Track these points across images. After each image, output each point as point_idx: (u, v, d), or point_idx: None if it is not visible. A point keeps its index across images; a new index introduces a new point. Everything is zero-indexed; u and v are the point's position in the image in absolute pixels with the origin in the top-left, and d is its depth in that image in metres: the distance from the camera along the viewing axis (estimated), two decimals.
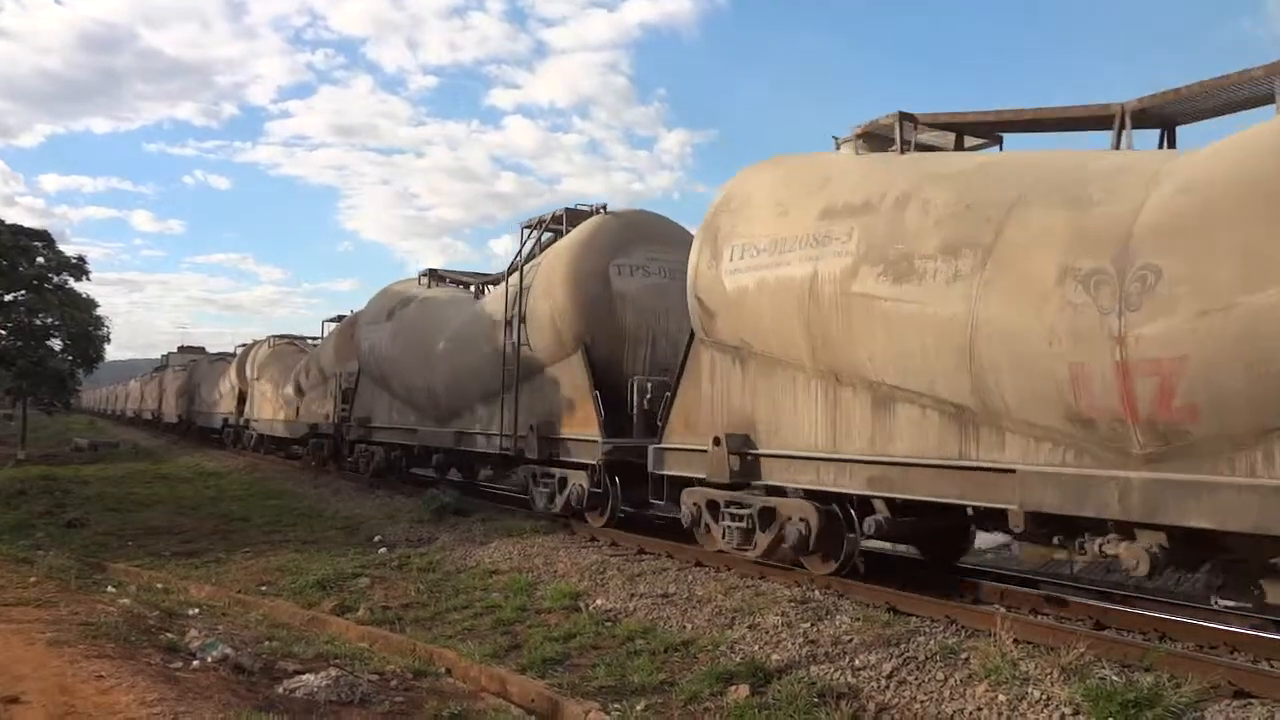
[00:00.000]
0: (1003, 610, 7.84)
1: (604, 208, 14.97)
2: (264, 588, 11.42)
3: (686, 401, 11.16)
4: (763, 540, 10.07)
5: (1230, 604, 7.39)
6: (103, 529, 16.28)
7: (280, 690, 6.29)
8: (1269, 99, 7.12)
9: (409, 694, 6.53)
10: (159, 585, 11.26)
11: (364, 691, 6.33)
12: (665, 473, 11.45)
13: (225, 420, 38.04)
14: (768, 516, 10.00)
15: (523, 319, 14.51)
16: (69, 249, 37.76)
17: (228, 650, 6.98)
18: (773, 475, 9.86)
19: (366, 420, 21.45)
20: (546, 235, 15.60)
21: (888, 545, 10.83)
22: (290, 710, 5.79)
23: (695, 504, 10.99)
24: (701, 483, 10.83)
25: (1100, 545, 7.07)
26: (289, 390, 28.42)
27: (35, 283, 35.79)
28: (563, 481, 14.03)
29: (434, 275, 21.20)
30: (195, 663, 6.72)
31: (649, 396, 12.75)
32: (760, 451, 9.94)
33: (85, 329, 37.27)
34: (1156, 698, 5.73)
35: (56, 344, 37.46)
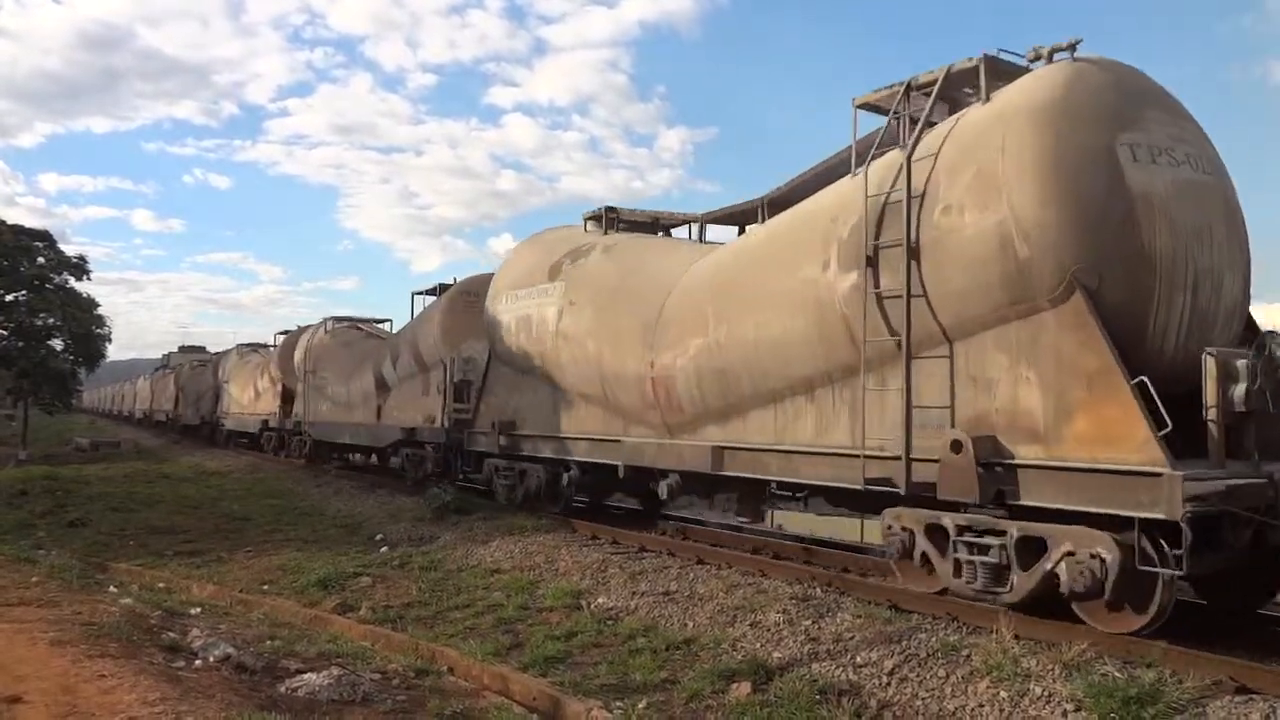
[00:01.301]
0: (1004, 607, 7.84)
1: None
2: (266, 587, 11.44)
3: None
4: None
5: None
6: (104, 529, 16.30)
7: (283, 689, 6.30)
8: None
9: (411, 693, 6.53)
10: (161, 585, 11.29)
11: (366, 690, 6.33)
12: None
13: (266, 423, 32.06)
14: None
15: (914, 249, 8.17)
16: (70, 249, 37.81)
17: (230, 649, 6.98)
18: None
19: (511, 426, 15.16)
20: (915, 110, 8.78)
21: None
22: (293, 709, 5.80)
23: None
24: None
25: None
26: (363, 384, 22.93)
27: (36, 283, 35.81)
28: (1035, 550, 7.45)
29: (612, 216, 14.81)
30: (197, 662, 6.73)
31: (1244, 388, 7.09)
32: None
33: (86, 329, 37.29)
34: (1158, 694, 5.74)
35: (58, 344, 37.49)
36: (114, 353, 46.66)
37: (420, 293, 22.33)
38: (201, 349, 58.67)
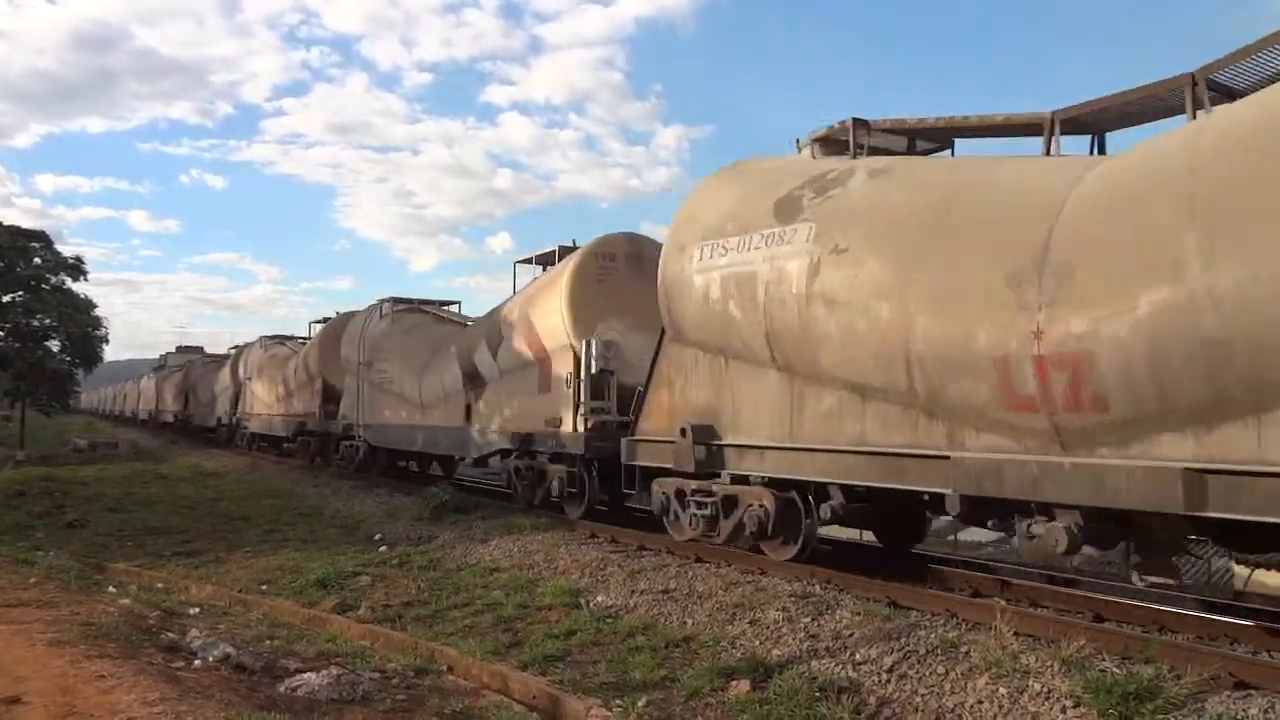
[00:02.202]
0: (1002, 604, 7.84)
1: None
2: (264, 587, 11.43)
3: None
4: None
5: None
6: (103, 529, 16.28)
7: (282, 689, 6.29)
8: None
9: (411, 692, 6.53)
10: (159, 585, 11.28)
11: (366, 690, 6.33)
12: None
13: (302, 425, 27.09)
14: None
15: None
16: (66, 249, 37.89)
17: (229, 649, 6.98)
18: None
19: (708, 433, 10.61)
20: None
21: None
22: (292, 709, 5.80)
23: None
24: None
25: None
26: (444, 379, 18.48)
27: (33, 284, 35.84)
28: None
29: (862, 131, 10.06)
30: (197, 662, 6.72)
31: None
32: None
33: (83, 330, 37.32)
34: (1157, 689, 5.74)
35: (54, 345, 37.50)
36: (111, 353, 46.65)
37: (525, 260, 17.20)
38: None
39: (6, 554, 11.69)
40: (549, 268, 16.37)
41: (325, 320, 28.14)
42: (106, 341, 39.80)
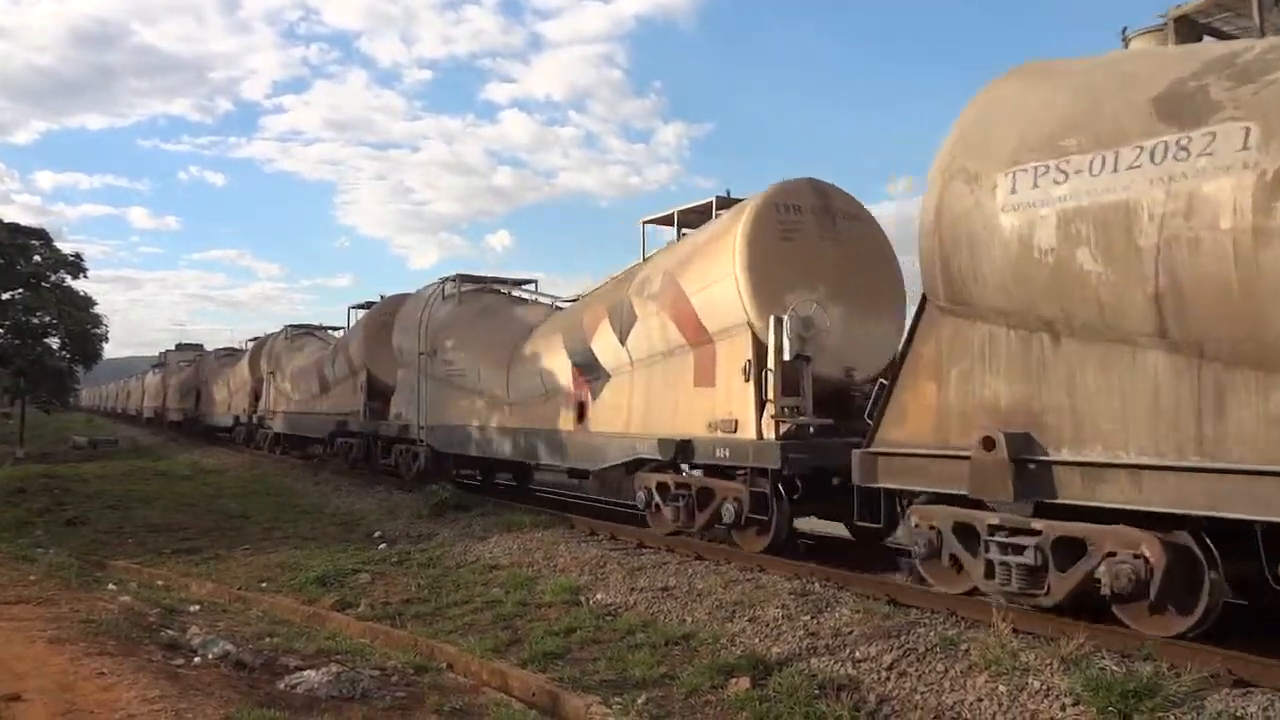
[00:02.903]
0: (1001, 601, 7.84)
1: None
2: (264, 584, 11.43)
3: None
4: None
5: None
6: (102, 527, 16.28)
7: (281, 686, 6.30)
8: None
9: (410, 689, 6.54)
10: (159, 582, 11.29)
11: (365, 687, 6.33)
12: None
13: (343, 425, 23.31)
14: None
15: None
16: (66, 246, 37.82)
17: (229, 647, 6.98)
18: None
19: (1026, 444, 7.45)
20: None
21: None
22: (292, 706, 5.80)
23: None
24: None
25: None
26: (549, 367, 14.97)
27: (32, 281, 35.81)
28: None
29: None
30: (196, 659, 6.73)
31: None
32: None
33: (83, 327, 37.28)
34: (1156, 687, 5.74)
35: (54, 342, 37.48)
36: (111, 350, 46.61)
37: (660, 219, 13.62)
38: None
39: (6, 551, 11.70)
40: (692, 229, 12.90)
41: (366, 305, 24.42)
42: (106, 339, 39.78)
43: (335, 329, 30.04)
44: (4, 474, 24.05)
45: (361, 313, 24.25)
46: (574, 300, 16.08)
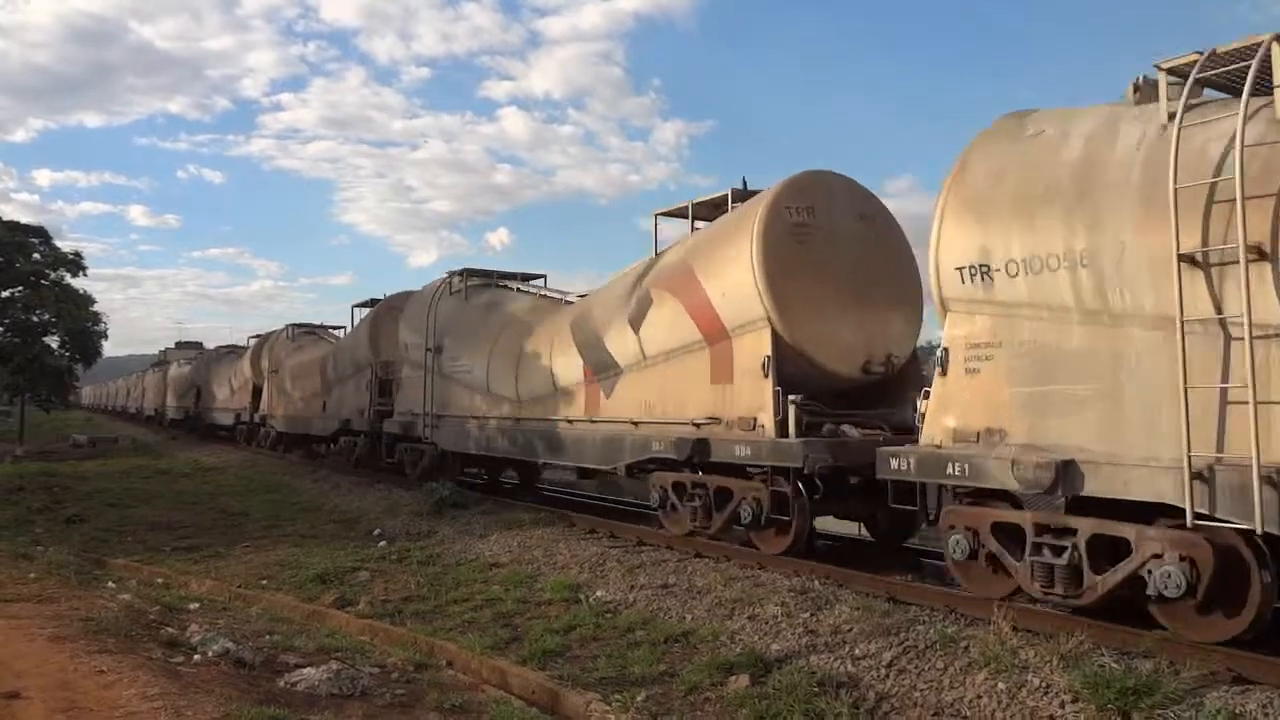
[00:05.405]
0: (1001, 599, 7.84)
1: None
2: (264, 582, 11.43)
3: None
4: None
5: None
6: (102, 524, 16.26)
7: (281, 684, 6.31)
8: None
9: (410, 686, 6.54)
10: (159, 580, 11.29)
11: (365, 684, 6.34)
12: None
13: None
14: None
15: None
16: (65, 245, 37.88)
17: (229, 644, 6.99)
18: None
19: None
20: None
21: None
22: (292, 704, 5.80)
23: None
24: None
25: None
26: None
27: (32, 279, 35.78)
28: None
29: None
30: (196, 657, 6.74)
31: None
32: None
33: (82, 325, 37.25)
34: (1155, 685, 5.74)
35: (53, 341, 37.45)
36: (111, 349, 46.60)
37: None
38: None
39: (6, 549, 11.71)
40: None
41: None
42: (106, 337, 39.76)
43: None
44: (3, 472, 24.05)
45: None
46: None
